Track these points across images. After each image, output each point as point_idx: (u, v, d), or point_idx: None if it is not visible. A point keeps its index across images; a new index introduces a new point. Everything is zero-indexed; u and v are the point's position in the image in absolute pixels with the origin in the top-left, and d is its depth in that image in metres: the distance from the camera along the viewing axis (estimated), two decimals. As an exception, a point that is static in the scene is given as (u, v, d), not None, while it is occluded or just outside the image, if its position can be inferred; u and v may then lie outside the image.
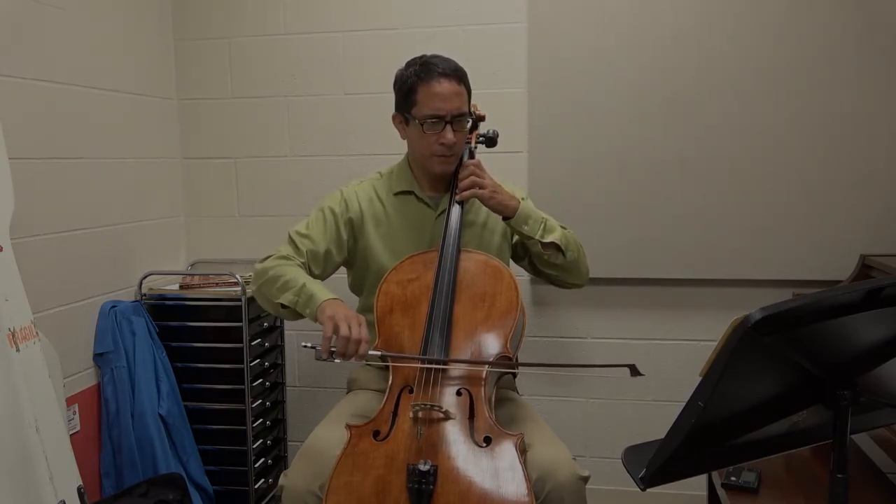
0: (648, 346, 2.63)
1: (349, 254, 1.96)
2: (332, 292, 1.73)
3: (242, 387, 2.50)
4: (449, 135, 1.81)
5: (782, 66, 2.42)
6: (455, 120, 1.82)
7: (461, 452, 1.53)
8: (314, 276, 1.88)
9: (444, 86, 1.81)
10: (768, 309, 0.94)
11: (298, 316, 1.77)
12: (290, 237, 1.92)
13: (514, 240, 2.00)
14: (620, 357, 2.63)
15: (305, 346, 1.65)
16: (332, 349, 1.59)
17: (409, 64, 1.88)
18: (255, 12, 2.73)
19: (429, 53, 1.89)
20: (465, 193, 1.81)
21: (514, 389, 2.00)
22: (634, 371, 1.58)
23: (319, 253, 1.90)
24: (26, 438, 1.73)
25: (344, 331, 1.59)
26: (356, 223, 1.94)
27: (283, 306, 1.77)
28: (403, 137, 1.95)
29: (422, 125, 1.82)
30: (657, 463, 1.08)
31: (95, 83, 2.38)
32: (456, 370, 1.67)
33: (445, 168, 1.88)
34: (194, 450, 2.47)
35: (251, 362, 2.52)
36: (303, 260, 1.87)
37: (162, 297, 2.56)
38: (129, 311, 2.40)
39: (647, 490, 1.12)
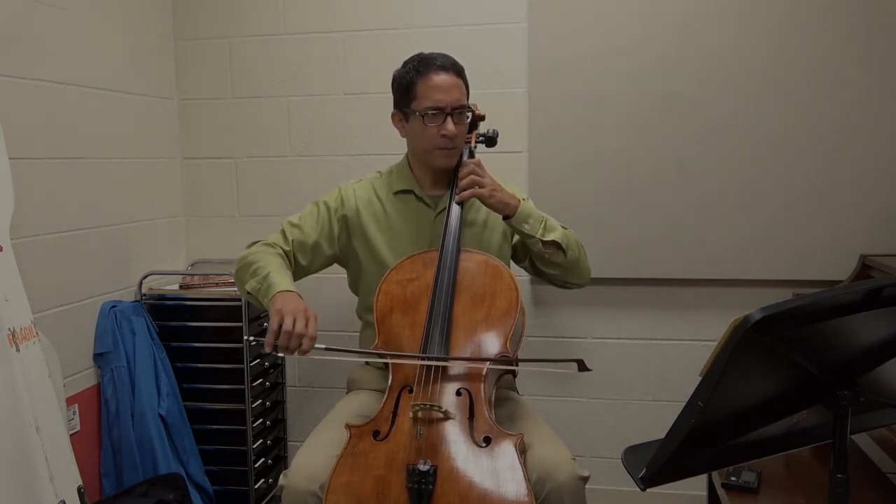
0: (648, 346, 2.63)
1: (341, 250, 1.97)
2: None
3: (242, 387, 2.50)
4: (450, 126, 1.82)
5: (782, 66, 2.42)
6: (455, 112, 1.83)
7: (461, 452, 1.53)
8: (301, 266, 1.88)
9: (443, 78, 1.83)
10: (768, 309, 0.94)
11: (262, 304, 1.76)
12: (282, 227, 1.93)
13: (515, 240, 2.00)
14: (620, 357, 2.64)
15: (248, 340, 1.62)
16: (276, 343, 1.58)
17: (406, 62, 1.90)
18: (254, 12, 2.73)
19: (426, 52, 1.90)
20: (465, 194, 1.81)
21: (514, 389, 2.00)
22: (582, 366, 1.59)
23: (308, 244, 1.91)
24: (26, 438, 1.73)
25: (287, 325, 1.57)
26: (351, 220, 1.95)
27: (249, 292, 1.77)
28: (403, 135, 1.95)
29: (422, 118, 1.83)
30: (657, 463, 1.08)
31: (95, 83, 2.38)
32: (455, 370, 1.67)
33: (447, 162, 1.88)
34: (194, 450, 2.47)
35: (251, 362, 2.52)
36: (288, 248, 1.88)
37: (162, 297, 2.56)
38: (129, 311, 2.40)
39: (647, 490, 1.12)
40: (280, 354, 1.57)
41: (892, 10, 2.36)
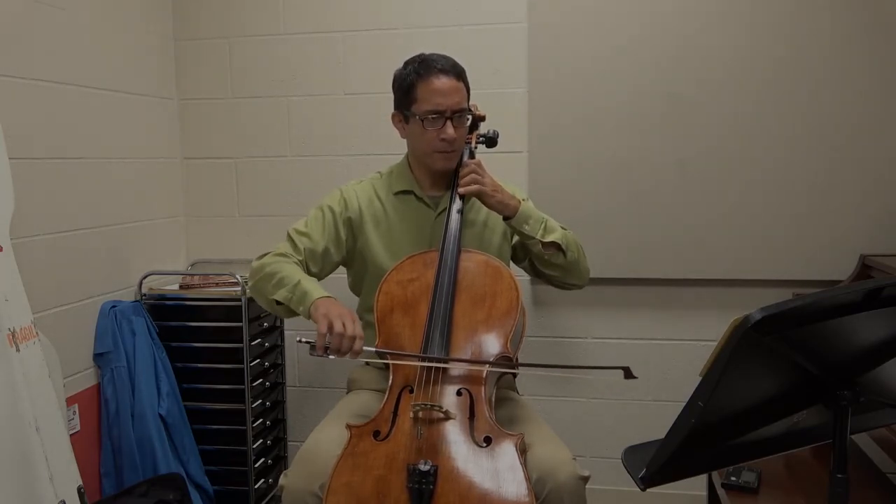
0: (648, 346, 2.63)
1: (348, 253, 1.96)
2: (332, 292, 1.73)
3: (242, 387, 2.50)
4: (449, 130, 1.82)
5: (782, 66, 2.42)
6: (455, 116, 1.83)
7: (461, 452, 1.53)
8: (312, 275, 1.88)
9: (444, 81, 1.82)
10: (768, 309, 0.94)
11: (292, 313, 1.77)
12: (288, 235, 1.92)
13: (514, 241, 2.00)
14: (620, 357, 2.63)
15: (300, 341, 1.65)
16: (327, 346, 1.60)
17: (407, 63, 1.89)
18: (254, 12, 2.73)
19: (427, 52, 1.89)
20: (469, 188, 1.81)
21: (515, 389, 2.00)
22: (628, 374, 1.60)
23: (317, 251, 1.90)
24: (26, 438, 1.73)
25: (338, 328, 1.59)
26: (355, 222, 1.95)
27: (278, 303, 1.77)
28: (403, 136, 1.95)
29: (422, 121, 1.83)
30: (657, 463, 1.08)
31: (95, 83, 2.37)
32: (456, 370, 1.67)
33: (447, 164, 1.88)
34: (194, 450, 2.47)
35: (251, 362, 2.52)
36: (300, 258, 1.88)
37: (162, 297, 2.56)
38: (129, 311, 2.40)
39: (647, 490, 1.12)
40: (331, 357, 1.60)
41: (892, 10, 2.36)
